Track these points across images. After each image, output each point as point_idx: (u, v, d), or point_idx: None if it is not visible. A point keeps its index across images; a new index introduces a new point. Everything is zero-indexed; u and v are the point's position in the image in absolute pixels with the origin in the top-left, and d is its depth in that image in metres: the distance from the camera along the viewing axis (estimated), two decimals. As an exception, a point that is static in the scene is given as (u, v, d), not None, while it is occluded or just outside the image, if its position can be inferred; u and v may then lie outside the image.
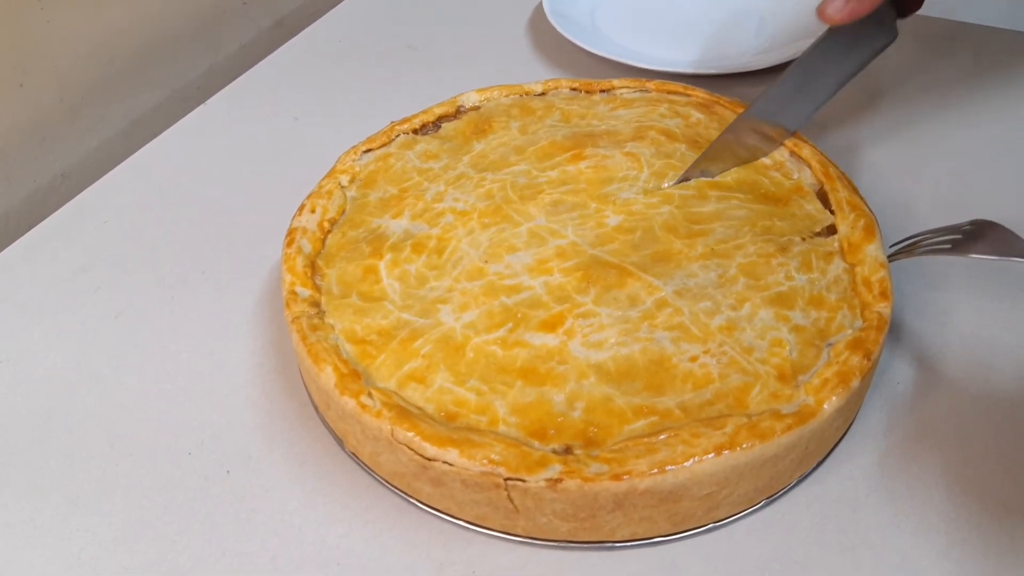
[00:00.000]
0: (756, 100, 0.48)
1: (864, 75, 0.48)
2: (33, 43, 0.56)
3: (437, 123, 0.52)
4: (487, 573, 0.36)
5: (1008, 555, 0.36)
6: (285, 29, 0.76)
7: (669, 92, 0.53)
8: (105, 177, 0.57)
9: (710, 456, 0.33)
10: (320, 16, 0.74)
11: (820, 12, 0.44)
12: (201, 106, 0.63)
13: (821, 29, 0.63)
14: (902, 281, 0.46)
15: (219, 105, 0.63)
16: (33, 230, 0.53)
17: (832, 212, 0.45)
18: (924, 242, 0.43)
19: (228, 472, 0.40)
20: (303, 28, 0.72)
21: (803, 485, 0.38)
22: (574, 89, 0.54)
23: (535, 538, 0.36)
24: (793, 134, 0.48)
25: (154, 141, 0.60)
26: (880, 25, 0.46)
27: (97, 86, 0.62)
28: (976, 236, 0.41)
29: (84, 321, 0.48)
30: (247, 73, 0.67)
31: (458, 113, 0.52)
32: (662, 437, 0.34)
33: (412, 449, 0.34)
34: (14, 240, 0.53)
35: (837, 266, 0.42)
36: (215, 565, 0.37)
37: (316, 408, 0.42)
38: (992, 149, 0.56)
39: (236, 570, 0.36)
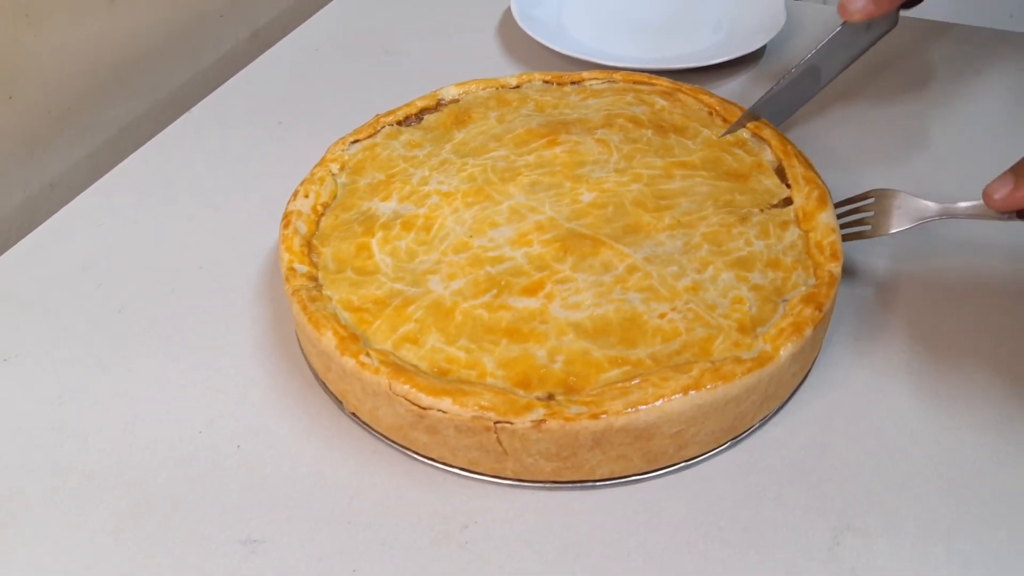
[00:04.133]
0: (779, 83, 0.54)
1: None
2: (21, 56, 0.58)
3: (419, 115, 0.55)
4: (483, 517, 0.39)
5: (964, 488, 0.39)
6: (260, 40, 0.79)
7: (635, 82, 0.57)
8: (98, 182, 0.60)
9: (678, 396, 0.37)
10: (295, 28, 0.77)
11: (841, 8, 0.49)
12: (187, 113, 0.66)
13: (772, 26, 0.68)
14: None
15: (204, 111, 0.66)
16: (33, 233, 0.55)
17: (789, 186, 0.49)
18: (847, 230, 0.48)
19: (239, 446, 0.42)
20: (278, 40, 0.75)
21: (766, 428, 0.42)
22: (546, 82, 0.58)
23: (523, 480, 0.39)
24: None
25: (145, 146, 0.63)
26: (887, 16, 0.52)
27: (83, 97, 0.64)
28: (884, 210, 0.47)
29: (88, 316, 0.50)
30: (229, 81, 0.69)
31: (439, 106, 0.56)
32: (635, 382, 0.38)
33: (409, 400, 0.38)
34: (11, 245, 0.55)
35: (792, 233, 0.46)
36: (232, 528, 0.39)
37: (317, 376, 0.45)
38: (924, 132, 0.61)
39: (253, 531, 0.39)
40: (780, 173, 0.50)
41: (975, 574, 0.37)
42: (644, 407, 0.37)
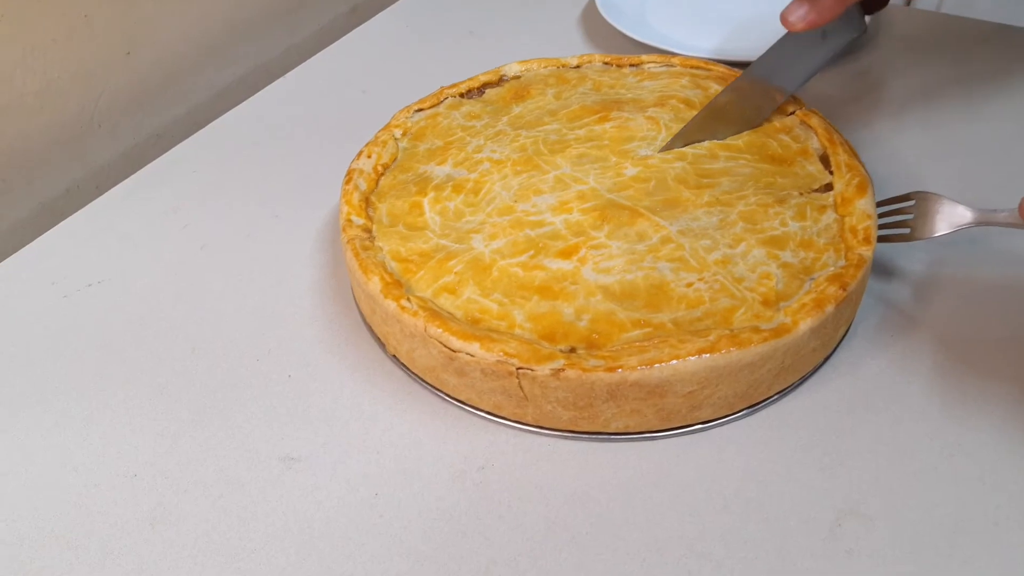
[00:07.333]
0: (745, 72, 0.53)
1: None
2: (140, 19, 0.65)
3: (481, 89, 0.58)
4: (500, 460, 0.42)
5: (975, 487, 0.39)
6: (359, 15, 0.83)
7: (692, 67, 0.58)
8: (194, 136, 0.66)
9: (692, 357, 0.39)
10: (391, 4, 0.81)
11: (783, 18, 0.48)
12: (281, 78, 0.71)
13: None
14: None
15: (297, 78, 0.71)
16: (135, 175, 0.62)
17: (831, 173, 0.50)
18: (886, 231, 0.48)
19: (290, 376, 0.47)
20: (376, 14, 0.80)
21: (783, 401, 0.43)
22: (606, 63, 0.60)
23: (543, 427, 0.42)
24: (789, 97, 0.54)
25: (239, 106, 0.68)
26: (848, 22, 0.51)
27: (189, 60, 0.70)
28: (925, 213, 0.47)
29: (173, 251, 0.55)
30: (323, 52, 0.74)
31: (500, 81, 0.59)
32: (653, 342, 0.40)
33: (441, 343, 0.41)
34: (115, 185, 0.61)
35: (829, 216, 0.47)
36: (274, 446, 0.43)
37: (364, 319, 0.48)
38: (973, 134, 0.61)
39: (291, 450, 0.43)
40: (825, 161, 0.51)
41: (974, 573, 0.37)
42: (658, 365, 0.39)
